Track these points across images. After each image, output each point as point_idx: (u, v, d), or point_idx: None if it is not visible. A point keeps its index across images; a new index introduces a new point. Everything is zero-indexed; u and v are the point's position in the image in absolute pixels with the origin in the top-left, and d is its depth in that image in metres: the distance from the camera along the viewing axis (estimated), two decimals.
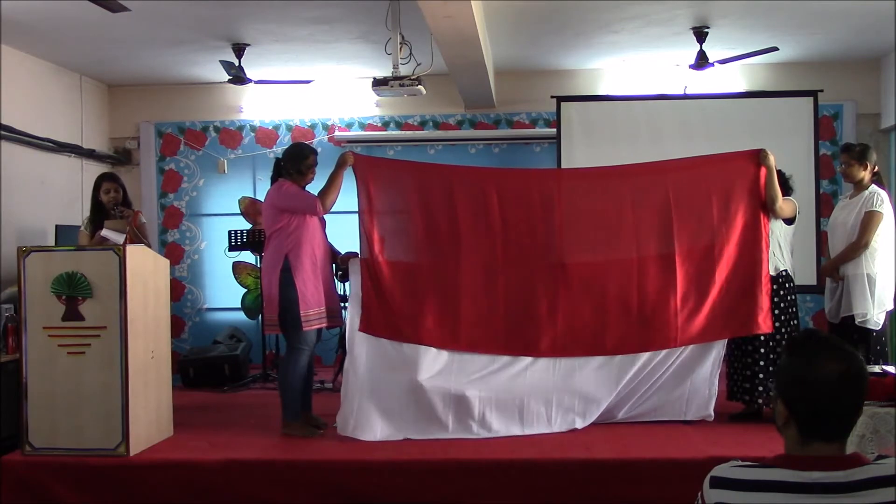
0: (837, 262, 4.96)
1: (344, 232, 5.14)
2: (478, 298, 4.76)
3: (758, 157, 4.72)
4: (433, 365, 4.65)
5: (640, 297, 4.72)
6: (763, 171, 4.70)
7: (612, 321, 4.70)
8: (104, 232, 4.88)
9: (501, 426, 4.61)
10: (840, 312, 4.91)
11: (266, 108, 7.80)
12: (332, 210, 4.70)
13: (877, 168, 5.04)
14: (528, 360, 4.72)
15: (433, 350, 4.66)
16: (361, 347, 4.66)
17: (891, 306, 4.87)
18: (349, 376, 4.61)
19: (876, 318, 4.78)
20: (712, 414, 4.76)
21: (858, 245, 4.86)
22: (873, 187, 4.91)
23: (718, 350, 4.76)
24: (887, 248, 4.88)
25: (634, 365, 4.72)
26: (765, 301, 4.68)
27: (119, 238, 4.78)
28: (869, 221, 4.84)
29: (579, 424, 4.65)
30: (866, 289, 4.77)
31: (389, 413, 4.58)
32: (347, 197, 4.87)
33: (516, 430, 4.60)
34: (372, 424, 4.54)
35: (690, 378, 4.74)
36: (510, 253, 4.79)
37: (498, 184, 4.91)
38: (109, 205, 5.14)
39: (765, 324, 4.67)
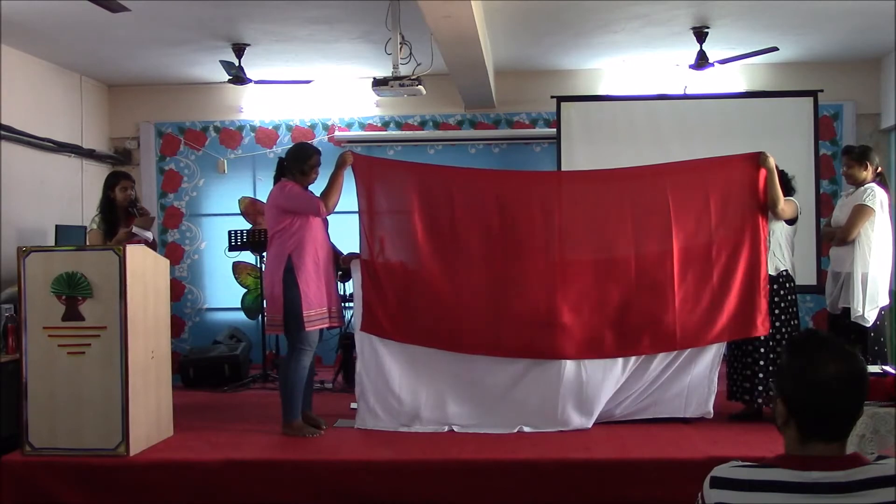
0: (831, 241, 5.08)
1: (346, 232, 5.15)
2: (477, 300, 4.77)
3: (757, 159, 4.71)
4: (436, 365, 4.74)
5: (638, 300, 4.72)
6: (763, 173, 4.70)
7: (612, 324, 4.71)
8: (135, 229, 5.03)
9: (502, 426, 4.63)
10: (839, 304, 4.92)
11: (266, 108, 7.80)
12: (334, 210, 4.71)
13: (880, 169, 5.03)
14: (527, 361, 4.73)
15: (435, 350, 4.73)
16: (370, 346, 4.76)
17: (884, 303, 4.87)
18: (361, 376, 4.76)
19: (867, 314, 4.78)
20: (711, 411, 4.77)
21: (841, 235, 4.88)
22: (870, 184, 4.91)
23: (718, 347, 4.78)
24: (882, 246, 4.88)
25: (634, 364, 4.74)
26: (763, 304, 4.68)
27: (148, 235, 5.07)
28: (855, 214, 4.84)
29: (579, 424, 4.65)
30: (860, 286, 4.78)
31: (398, 408, 4.73)
32: (349, 197, 4.88)
33: (516, 430, 4.61)
34: (386, 418, 4.72)
35: (690, 375, 4.75)
36: (509, 255, 4.80)
37: (498, 186, 4.93)
38: (125, 203, 5.13)
39: (763, 326, 4.67)
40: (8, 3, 5.27)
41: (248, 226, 7.18)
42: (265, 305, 5.10)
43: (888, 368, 4.18)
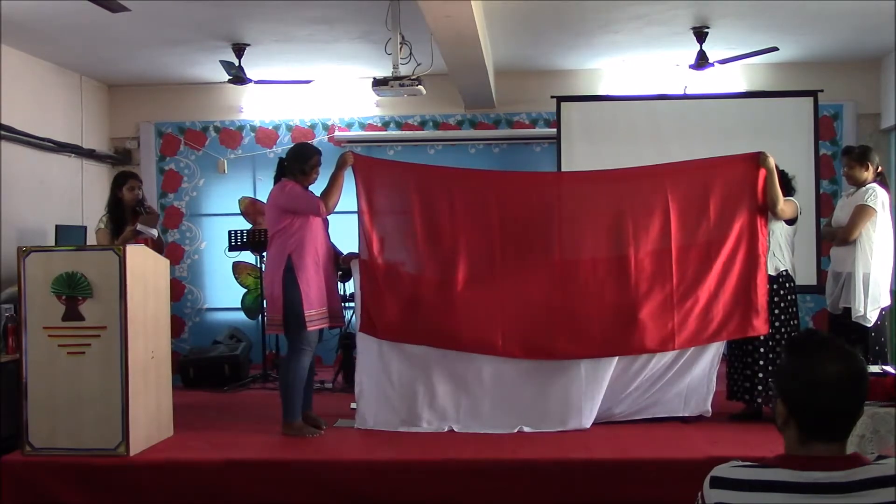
0: (832, 241, 5.10)
1: (346, 232, 5.15)
2: (476, 300, 4.75)
3: (757, 159, 4.71)
4: (436, 364, 4.74)
5: (637, 300, 4.70)
6: (762, 173, 4.69)
7: (611, 325, 4.69)
8: (139, 227, 5.10)
9: (502, 426, 4.63)
10: (840, 304, 4.93)
11: (266, 108, 7.80)
12: (334, 210, 4.71)
13: (881, 169, 5.03)
14: (527, 361, 4.73)
15: (435, 350, 4.73)
16: (370, 346, 4.77)
17: (886, 303, 4.87)
18: (361, 376, 4.78)
19: (869, 314, 4.78)
20: (710, 410, 4.77)
21: (843, 236, 4.89)
22: (871, 184, 4.91)
23: (717, 346, 4.79)
24: (884, 246, 4.88)
25: (633, 363, 4.74)
26: (762, 304, 4.68)
27: (153, 232, 5.18)
28: (857, 215, 4.84)
29: (579, 424, 4.65)
30: (861, 286, 4.78)
31: (399, 408, 4.73)
32: (349, 197, 4.88)
33: (516, 430, 4.61)
34: (385, 418, 4.72)
35: (689, 374, 4.76)
36: (509, 255, 4.79)
37: (497, 186, 4.93)
38: (133, 202, 5.17)
39: (761, 326, 4.67)
40: (8, 3, 5.27)
41: (248, 226, 7.18)
42: (265, 305, 5.10)
43: (888, 368, 4.18)
